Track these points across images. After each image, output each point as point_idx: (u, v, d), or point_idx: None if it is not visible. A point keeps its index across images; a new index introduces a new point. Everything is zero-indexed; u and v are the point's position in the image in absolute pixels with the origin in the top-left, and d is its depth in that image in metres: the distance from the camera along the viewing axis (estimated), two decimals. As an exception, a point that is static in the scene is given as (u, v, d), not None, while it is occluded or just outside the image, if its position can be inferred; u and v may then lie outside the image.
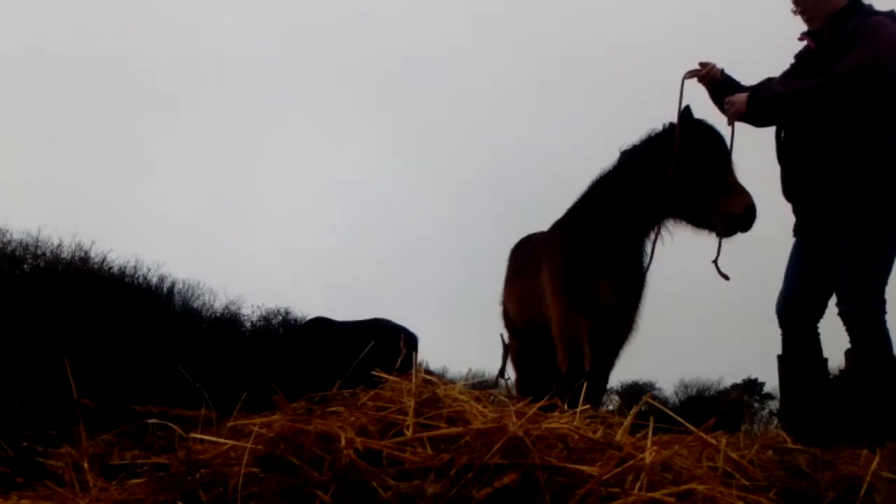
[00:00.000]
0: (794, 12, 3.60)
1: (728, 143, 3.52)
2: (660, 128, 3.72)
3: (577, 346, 3.62)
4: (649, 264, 3.67)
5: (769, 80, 3.77)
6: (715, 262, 3.50)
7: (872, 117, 3.29)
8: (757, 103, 3.45)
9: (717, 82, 3.72)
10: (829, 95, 3.25)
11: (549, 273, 3.84)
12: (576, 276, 3.63)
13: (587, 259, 3.62)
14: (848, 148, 3.33)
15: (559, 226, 4.04)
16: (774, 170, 3.72)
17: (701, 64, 3.72)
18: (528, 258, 4.35)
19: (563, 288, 3.68)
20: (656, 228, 3.60)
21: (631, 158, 3.75)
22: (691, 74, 3.72)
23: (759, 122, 3.62)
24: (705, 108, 3.72)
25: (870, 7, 3.43)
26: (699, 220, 3.52)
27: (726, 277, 3.48)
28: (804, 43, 3.65)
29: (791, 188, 3.62)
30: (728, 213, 3.33)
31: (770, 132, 3.69)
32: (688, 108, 3.59)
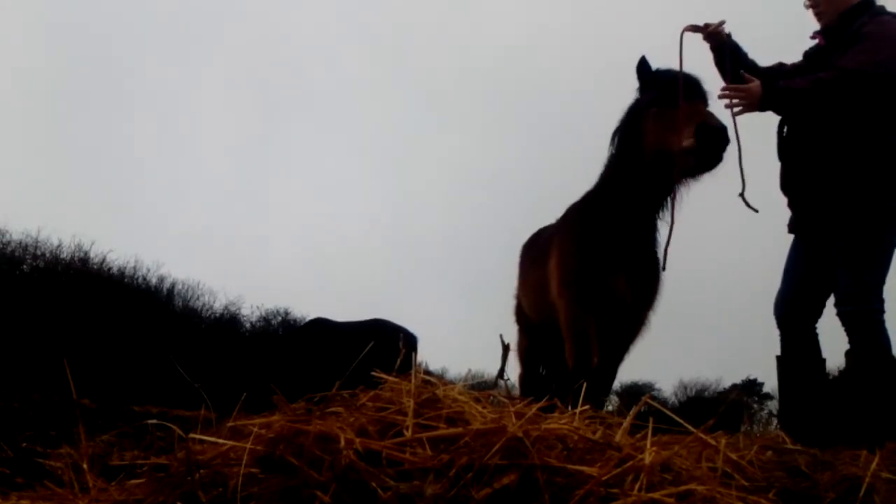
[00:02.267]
0: (807, 6, 3.60)
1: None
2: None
3: (585, 340, 3.50)
4: (671, 230, 3.33)
5: (781, 65, 3.73)
6: (741, 195, 3.30)
7: (873, 115, 3.29)
8: (774, 95, 3.28)
9: (721, 44, 3.55)
10: (842, 88, 3.20)
11: (555, 260, 3.68)
12: (584, 267, 3.46)
13: (597, 247, 3.45)
14: (848, 146, 3.33)
15: (571, 211, 3.88)
16: (774, 168, 3.71)
17: (705, 24, 3.55)
18: (543, 248, 4.17)
19: (571, 278, 3.53)
20: (667, 202, 3.42)
21: (619, 136, 3.58)
22: (693, 28, 3.53)
23: (772, 111, 3.49)
24: (703, 65, 3.55)
25: (881, 7, 3.43)
26: (676, 172, 3.24)
27: (755, 210, 3.28)
28: (814, 42, 3.63)
29: (790, 184, 3.62)
30: (681, 150, 3.07)
31: (772, 129, 3.68)
32: (643, 59, 3.43)
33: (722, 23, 3.55)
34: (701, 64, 3.52)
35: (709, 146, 3.01)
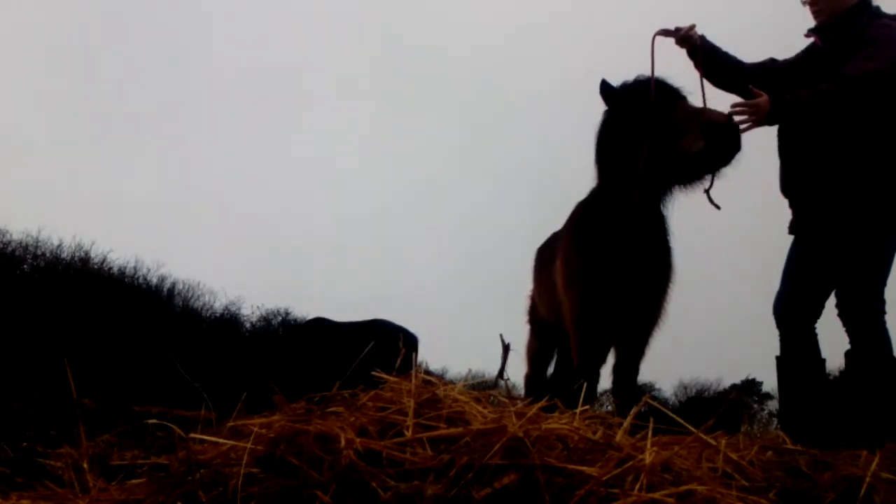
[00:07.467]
0: (804, 3, 3.59)
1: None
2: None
3: (592, 339, 3.44)
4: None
5: (773, 61, 3.70)
6: (707, 191, 3.27)
7: (874, 117, 3.29)
8: (782, 108, 3.25)
9: (696, 47, 3.50)
10: (846, 98, 3.19)
11: (561, 259, 3.62)
12: (588, 264, 3.39)
13: (601, 244, 3.36)
14: (849, 147, 3.33)
15: (576, 209, 3.80)
16: (774, 167, 3.71)
17: (676, 28, 3.50)
18: (555, 250, 4.04)
19: (574, 277, 3.46)
20: (668, 193, 3.35)
21: (610, 156, 3.45)
22: (664, 33, 3.47)
23: (780, 123, 3.48)
24: (682, 69, 3.49)
25: (878, 9, 3.42)
26: (682, 179, 3.24)
27: (717, 206, 3.25)
28: (810, 40, 3.63)
29: (790, 184, 3.62)
30: (692, 154, 3.03)
31: (771, 129, 3.67)
32: (603, 81, 3.36)
33: (692, 26, 3.49)
34: (683, 69, 3.50)
35: (720, 144, 3.00)
